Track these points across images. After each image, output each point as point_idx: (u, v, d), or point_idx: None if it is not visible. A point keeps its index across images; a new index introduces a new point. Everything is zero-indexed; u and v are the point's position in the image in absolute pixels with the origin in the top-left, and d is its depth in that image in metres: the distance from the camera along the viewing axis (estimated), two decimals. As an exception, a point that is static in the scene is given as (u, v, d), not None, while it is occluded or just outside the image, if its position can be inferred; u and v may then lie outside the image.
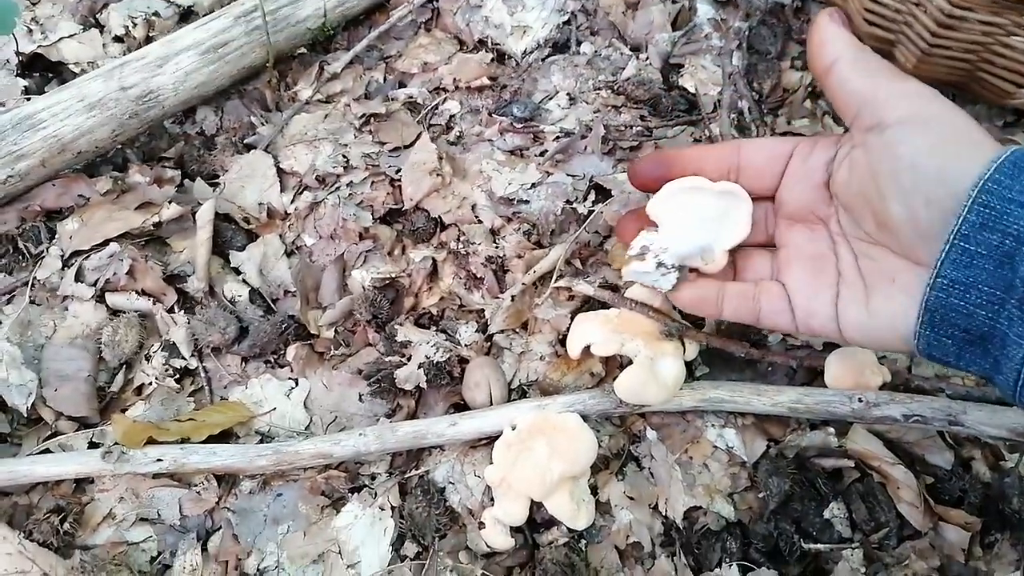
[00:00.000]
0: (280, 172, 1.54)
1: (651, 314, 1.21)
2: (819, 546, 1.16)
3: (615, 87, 1.63)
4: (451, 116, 1.62)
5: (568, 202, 1.45)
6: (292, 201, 1.50)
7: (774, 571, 1.14)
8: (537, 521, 1.20)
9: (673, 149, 1.03)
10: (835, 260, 0.82)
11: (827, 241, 0.84)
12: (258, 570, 1.16)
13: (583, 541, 1.20)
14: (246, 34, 1.55)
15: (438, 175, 1.47)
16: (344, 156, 1.53)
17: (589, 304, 1.34)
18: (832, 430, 1.21)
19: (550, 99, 1.63)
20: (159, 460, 1.16)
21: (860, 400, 1.16)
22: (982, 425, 1.13)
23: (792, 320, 0.85)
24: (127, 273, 1.39)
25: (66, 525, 1.14)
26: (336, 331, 1.39)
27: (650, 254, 0.94)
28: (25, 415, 1.26)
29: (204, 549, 1.18)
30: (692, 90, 1.60)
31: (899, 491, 1.17)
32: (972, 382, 1.29)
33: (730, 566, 1.15)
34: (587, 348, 1.20)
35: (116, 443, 1.16)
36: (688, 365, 1.28)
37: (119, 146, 1.57)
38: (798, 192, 0.86)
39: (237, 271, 1.43)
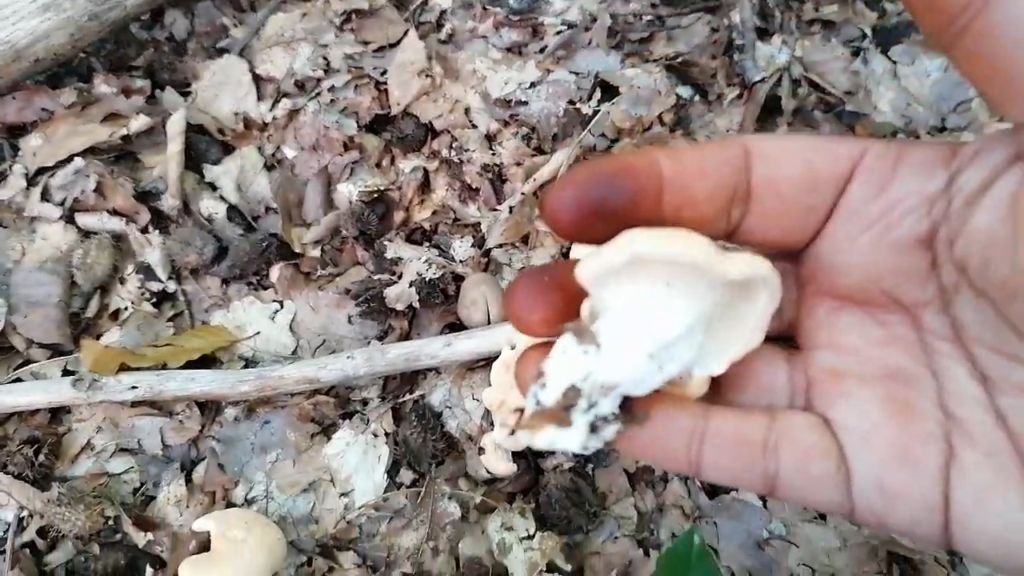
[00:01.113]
0: (256, 78, 1.41)
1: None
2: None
3: (623, -26, 1.47)
4: (442, 11, 1.47)
5: (571, 102, 1.32)
6: (270, 110, 1.38)
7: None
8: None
9: (632, 154, 0.37)
10: (936, 391, 0.37)
11: (916, 349, 0.39)
12: (246, 500, 1.09)
13: (590, 465, 1.12)
14: (211, -77, 1.41)
15: (428, 76, 1.34)
16: (324, 58, 1.39)
17: (595, 213, 1.23)
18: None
19: (551, -11, 1.48)
20: (134, 387, 1.08)
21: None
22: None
23: (845, 496, 0.37)
24: (95, 191, 1.29)
25: (42, 456, 1.07)
26: (322, 249, 1.29)
27: (580, 403, 0.36)
28: (-6, 343, 1.19)
29: (188, 479, 1.11)
30: (711, -26, 1.45)
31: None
32: None
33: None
34: (592, 260, 1.10)
35: (89, 371, 1.08)
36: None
37: (82, 54, 1.45)
38: (863, 249, 0.39)
39: (213, 187, 1.32)
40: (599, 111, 1.30)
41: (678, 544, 0.80)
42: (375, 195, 1.31)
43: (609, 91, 1.33)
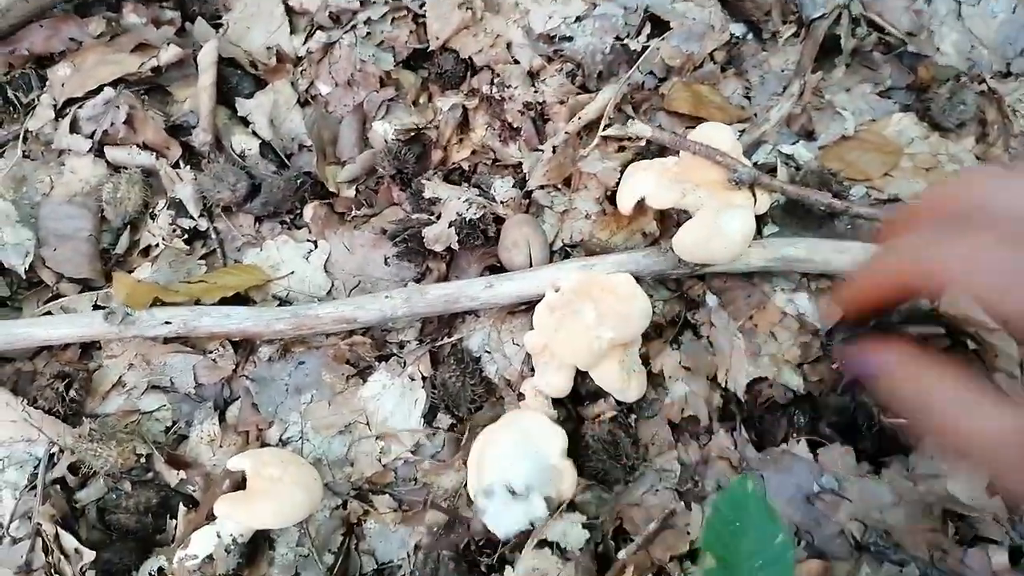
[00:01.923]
0: (289, 10, 1.36)
1: (718, 159, 1.05)
2: (901, 420, 1.03)
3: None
4: (484, -60, 1.41)
5: (618, 38, 1.26)
6: (304, 43, 1.33)
7: (847, 446, 1.02)
8: (582, 393, 1.09)
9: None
10: None
11: None
12: (280, 440, 1.07)
13: (632, 415, 1.08)
14: None
15: (468, 9, 1.28)
16: (361, -12, 1.34)
17: (644, 155, 1.17)
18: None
19: (598, -80, 1.41)
20: (167, 323, 1.05)
21: (960, 258, 0.99)
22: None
23: None
24: (126, 123, 1.25)
25: (72, 392, 1.05)
26: (357, 189, 1.25)
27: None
28: (24, 277, 1.16)
29: (222, 419, 1.09)
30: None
31: (996, 360, 1.02)
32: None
33: (798, 441, 1.04)
34: (641, 202, 1.05)
35: (121, 304, 1.06)
36: (757, 221, 1.13)
37: (110, -17, 1.40)
38: None
39: (245, 122, 1.28)
40: (648, 47, 1.23)
41: (731, 489, 0.76)
42: (412, 134, 1.26)
43: (658, 26, 1.26)
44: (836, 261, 1.04)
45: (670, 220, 1.14)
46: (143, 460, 1.04)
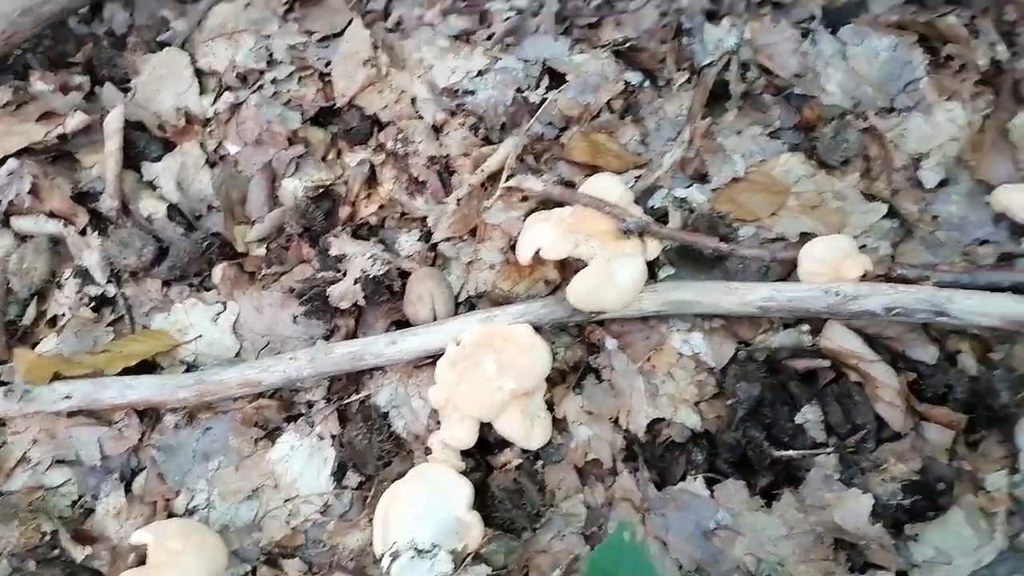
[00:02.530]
0: (198, 71, 1.38)
1: (607, 210, 1.09)
2: (791, 453, 1.07)
3: (575, -45, 1.44)
4: (388, 0, 1.44)
5: (519, 90, 1.30)
6: (212, 104, 1.35)
7: (742, 481, 1.06)
8: (490, 442, 1.11)
9: None
10: None
11: None
12: (188, 509, 1.07)
13: (540, 461, 1.11)
14: (144, -88, 1.36)
15: (373, 66, 1.31)
16: (267, 49, 1.36)
17: (546, 204, 1.21)
18: (806, 327, 1.11)
19: (501, -26, 1.45)
20: (68, 397, 1.06)
21: (836, 294, 1.05)
22: (971, 314, 1.02)
23: None
24: (31, 193, 1.25)
25: (-24, 471, 1.05)
26: (268, 247, 1.26)
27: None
28: (-74, 353, 1.16)
29: (128, 490, 1.09)
30: (660, -44, 1.42)
31: (877, 390, 1.07)
32: (961, 268, 1.17)
33: (695, 478, 1.07)
34: (539, 252, 1.09)
35: (21, 381, 1.06)
36: (650, 266, 1.16)
37: (17, 51, 1.41)
38: None
39: (153, 185, 1.29)
40: (546, 99, 1.27)
41: (609, 540, 0.79)
42: (321, 190, 1.28)
43: (557, 78, 1.31)
44: (724, 302, 1.08)
45: (570, 268, 1.17)
46: (48, 537, 1.04)
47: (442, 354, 1.08)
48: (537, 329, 1.09)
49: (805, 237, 1.15)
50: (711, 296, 1.09)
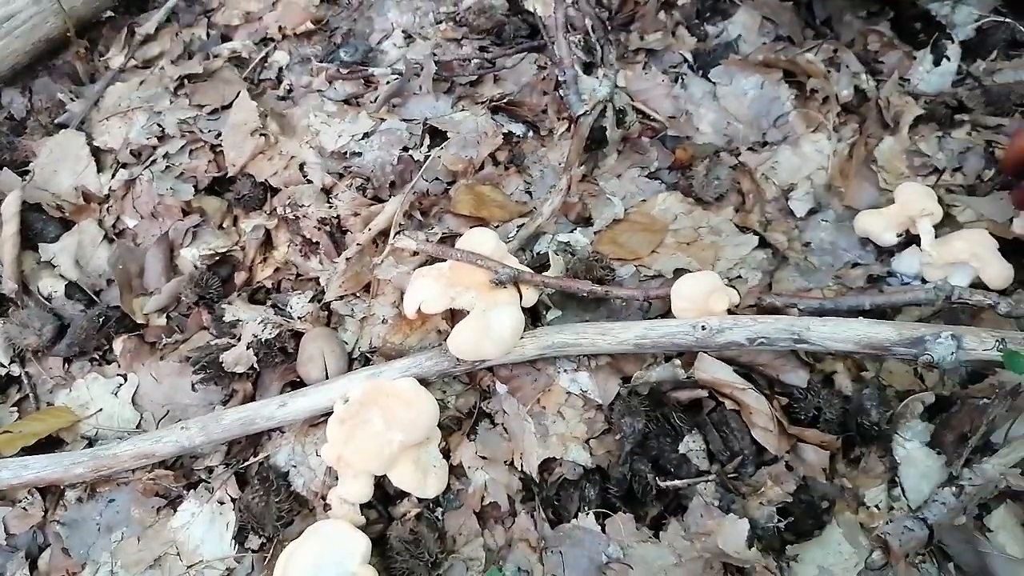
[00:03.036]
0: (96, 151, 1.41)
1: (479, 263, 1.13)
2: (675, 482, 1.11)
3: (456, 18, 1.51)
4: (280, 68, 1.50)
5: (405, 148, 1.35)
6: (110, 181, 1.38)
7: (629, 514, 1.10)
8: (391, 493, 1.14)
9: None
10: None
11: None
12: (90, 583, 1.09)
13: (439, 509, 1.14)
14: (34, 2, 1.40)
15: (261, 135, 1.36)
16: (159, 125, 1.40)
17: (432, 259, 1.25)
18: (678, 362, 1.16)
19: (387, 38, 1.52)
20: (-37, 481, 1.07)
21: (703, 328, 1.10)
22: (827, 340, 1.08)
23: None
24: (-71, 281, 1.27)
25: None
26: (168, 317, 1.29)
27: None
28: None
29: (34, 567, 1.10)
30: (537, 12, 1.49)
31: (752, 416, 1.12)
32: (832, 292, 1.24)
33: (587, 514, 1.11)
34: (421, 306, 1.13)
35: (-86, 470, 1.07)
36: (534, 310, 1.22)
37: (-84, 140, 1.44)
38: None
39: (52, 264, 1.32)
40: (429, 156, 1.32)
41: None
42: (218, 257, 1.32)
43: (440, 135, 1.36)
44: (601, 342, 1.13)
45: (460, 317, 1.21)
46: (-49, 622, 1.05)
47: (332, 412, 1.11)
48: (424, 381, 1.13)
49: (679, 273, 1.21)
50: (588, 338, 1.14)
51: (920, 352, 1.05)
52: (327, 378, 1.16)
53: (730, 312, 1.14)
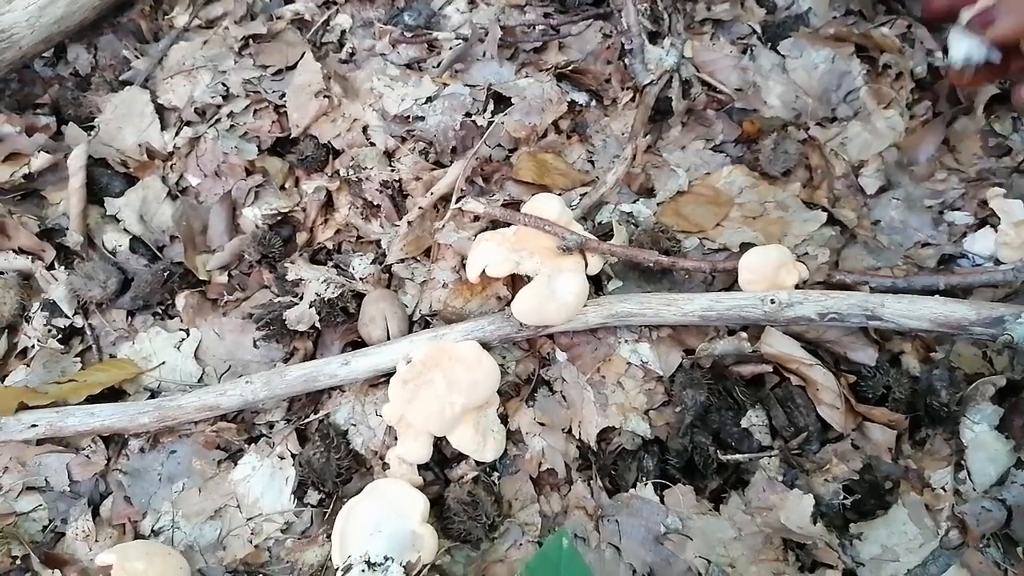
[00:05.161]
0: (160, 108, 1.42)
1: (547, 228, 1.12)
2: (736, 456, 1.10)
3: (521, -17, 1.49)
4: (342, 31, 1.49)
5: (467, 115, 1.34)
6: (173, 139, 1.39)
7: (690, 486, 1.09)
8: (448, 456, 1.15)
9: None
10: None
11: None
12: (153, 531, 1.10)
13: (496, 473, 1.14)
14: (104, -42, 1.41)
15: (325, 96, 1.36)
16: (223, 84, 1.40)
17: (495, 223, 1.25)
18: (744, 335, 1.14)
19: (450, 3, 1.50)
20: (34, 426, 1.09)
21: (772, 301, 1.08)
22: (901, 317, 1.06)
23: None
24: (-1, 231, 1.29)
25: (-55, 501, 1.08)
26: (230, 275, 1.30)
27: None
28: (-101, 389, 1.19)
29: (96, 514, 1.12)
30: (603, -20, 1.47)
31: (818, 393, 1.11)
32: (902, 272, 1.21)
33: (645, 485, 1.10)
34: (485, 270, 1.12)
35: (-12, 413, 1.09)
36: (597, 279, 1.21)
37: (-15, 95, 1.45)
38: None
39: (116, 219, 1.33)
40: (493, 122, 1.31)
41: (545, 549, 0.82)
42: (279, 217, 1.32)
43: (503, 102, 1.35)
44: (665, 313, 1.12)
45: (522, 283, 1.21)
46: (19, 561, 1.07)
47: (394, 372, 1.11)
48: (486, 345, 1.12)
49: (744, 247, 1.19)
50: (653, 308, 1.12)
51: (999, 332, 1.02)
52: (389, 339, 1.16)
53: (798, 287, 1.12)
